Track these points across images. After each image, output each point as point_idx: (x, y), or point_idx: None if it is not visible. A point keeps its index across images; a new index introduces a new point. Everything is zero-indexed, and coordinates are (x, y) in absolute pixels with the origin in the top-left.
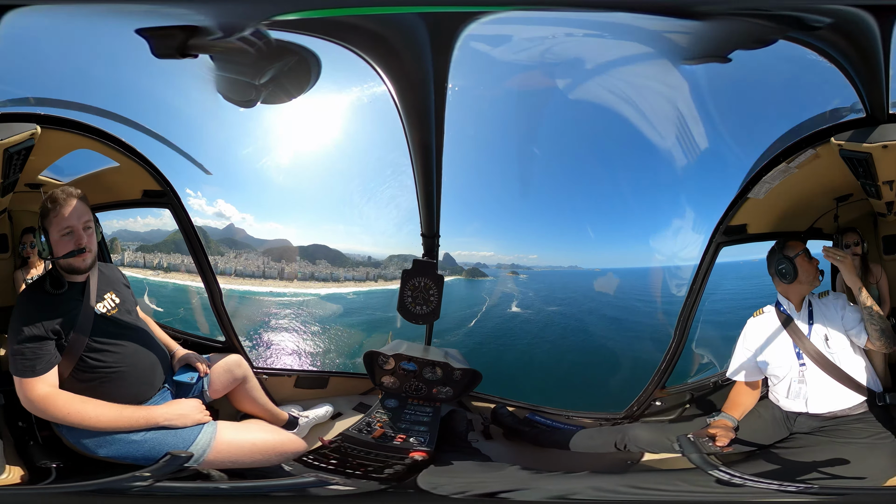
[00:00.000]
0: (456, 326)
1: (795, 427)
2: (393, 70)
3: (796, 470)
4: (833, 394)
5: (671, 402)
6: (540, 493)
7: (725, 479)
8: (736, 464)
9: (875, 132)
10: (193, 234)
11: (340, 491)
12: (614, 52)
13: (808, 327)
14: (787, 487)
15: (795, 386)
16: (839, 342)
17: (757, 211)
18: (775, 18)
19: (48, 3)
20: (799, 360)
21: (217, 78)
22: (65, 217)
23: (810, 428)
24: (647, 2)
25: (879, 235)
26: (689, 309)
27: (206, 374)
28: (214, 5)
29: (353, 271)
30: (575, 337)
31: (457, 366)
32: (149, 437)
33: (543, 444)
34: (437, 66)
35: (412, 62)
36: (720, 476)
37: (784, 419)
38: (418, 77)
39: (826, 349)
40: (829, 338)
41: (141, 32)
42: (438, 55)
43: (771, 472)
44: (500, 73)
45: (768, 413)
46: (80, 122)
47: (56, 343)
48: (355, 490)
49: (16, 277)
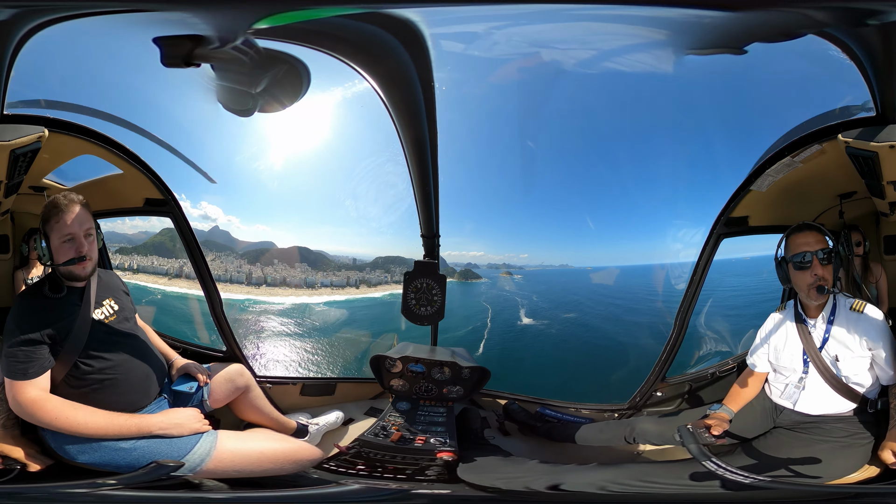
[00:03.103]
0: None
1: (779, 421)
2: (375, 72)
3: (770, 464)
4: (826, 400)
5: (671, 393)
6: (569, 485)
7: (712, 470)
8: (723, 455)
9: (884, 132)
10: (194, 242)
11: (379, 495)
12: (624, 40)
13: (824, 337)
14: (760, 481)
15: (792, 388)
16: (851, 364)
17: (759, 203)
18: (820, 10)
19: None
20: (804, 366)
21: (217, 88)
22: (66, 224)
23: (792, 423)
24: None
25: (881, 235)
26: (688, 301)
27: (207, 383)
28: (201, 14)
29: (331, 276)
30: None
31: (465, 364)
32: (139, 446)
33: (557, 439)
34: (419, 66)
35: (391, 62)
36: (710, 467)
37: (772, 411)
38: (402, 76)
39: (834, 364)
40: (841, 357)
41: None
42: (415, 54)
43: (749, 465)
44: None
45: (759, 404)
46: (86, 128)
47: (50, 348)
48: (394, 493)
49: (16, 277)
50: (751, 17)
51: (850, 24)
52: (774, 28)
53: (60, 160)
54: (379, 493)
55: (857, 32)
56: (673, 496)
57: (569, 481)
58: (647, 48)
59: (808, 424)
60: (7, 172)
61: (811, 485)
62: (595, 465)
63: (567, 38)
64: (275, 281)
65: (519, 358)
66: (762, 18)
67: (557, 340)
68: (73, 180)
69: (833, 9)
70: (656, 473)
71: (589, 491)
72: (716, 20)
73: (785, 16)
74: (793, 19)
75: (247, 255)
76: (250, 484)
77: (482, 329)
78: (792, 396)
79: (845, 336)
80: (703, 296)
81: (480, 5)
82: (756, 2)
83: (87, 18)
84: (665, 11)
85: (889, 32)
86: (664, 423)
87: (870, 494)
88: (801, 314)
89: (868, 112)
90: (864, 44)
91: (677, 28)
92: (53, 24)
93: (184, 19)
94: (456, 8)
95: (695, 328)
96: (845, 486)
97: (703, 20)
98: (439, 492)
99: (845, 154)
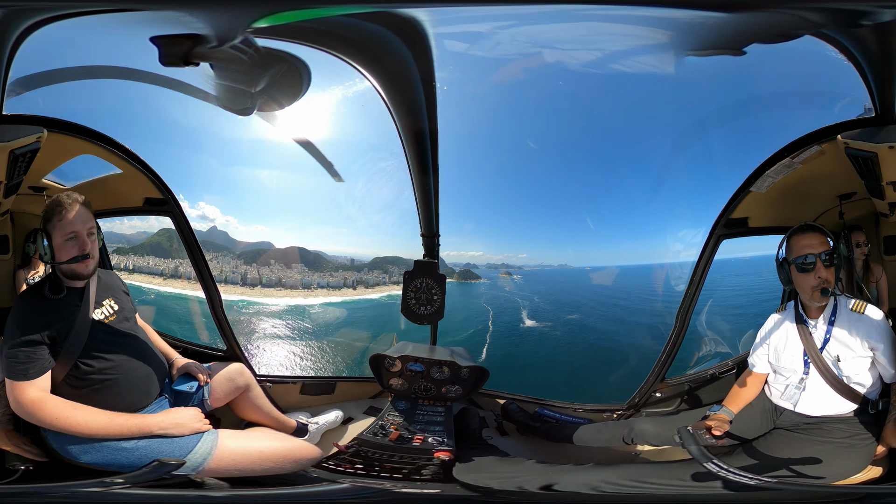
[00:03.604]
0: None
1: (779, 422)
2: (376, 71)
3: (771, 465)
4: (827, 401)
5: (670, 393)
6: (564, 485)
7: (713, 471)
8: (722, 456)
9: (883, 132)
10: (194, 242)
11: (373, 494)
12: (626, 41)
13: (825, 338)
14: (762, 481)
15: (792, 389)
16: (853, 364)
17: (759, 204)
18: (814, 11)
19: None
20: (805, 367)
21: (216, 87)
22: (69, 222)
23: (792, 424)
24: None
25: (881, 235)
26: (688, 301)
27: (207, 382)
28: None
29: (328, 277)
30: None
31: (463, 364)
32: (141, 445)
33: (555, 439)
34: (421, 65)
35: (392, 61)
36: (710, 468)
37: (772, 412)
38: (403, 76)
39: (835, 365)
40: (843, 358)
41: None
42: (417, 54)
43: (749, 466)
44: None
45: (760, 404)
46: (85, 128)
47: (50, 348)
48: (389, 493)
49: (18, 277)
50: (749, 18)
51: (845, 24)
52: (772, 29)
53: (59, 160)
54: (374, 493)
55: (852, 33)
56: (669, 497)
57: (564, 481)
58: (649, 49)
59: (809, 426)
60: (7, 173)
61: (813, 486)
62: (591, 465)
63: (568, 39)
64: (270, 282)
65: (524, 364)
66: (760, 19)
67: (562, 343)
68: (72, 180)
69: (826, 10)
70: (653, 474)
71: (583, 492)
72: (715, 21)
73: (782, 17)
74: (789, 20)
75: (244, 256)
76: (250, 482)
77: (484, 332)
78: (792, 397)
79: (846, 337)
80: (703, 296)
81: (485, 6)
82: (752, 2)
83: (82, 17)
84: (666, 12)
85: (884, 33)
86: (663, 423)
87: (874, 495)
88: (802, 315)
89: (868, 113)
90: (861, 44)
91: (679, 29)
92: (49, 23)
93: (179, 18)
94: (460, 8)
95: (694, 328)
96: (849, 486)
97: (703, 21)
98: (433, 492)
99: (845, 155)
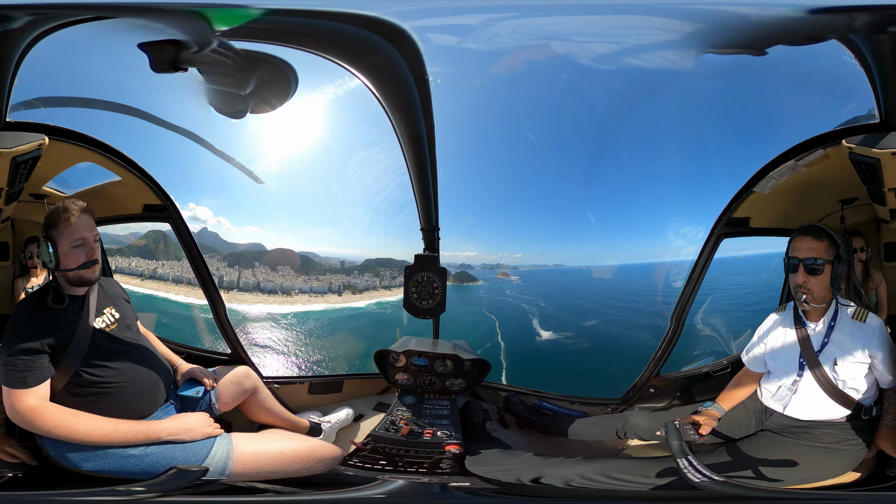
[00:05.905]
0: None
1: (767, 424)
2: (364, 68)
3: (751, 466)
4: (818, 405)
5: (665, 389)
6: (561, 478)
7: (682, 469)
8: (704, 454)
9: (886, 139)
10: (194, 247)
11: (396, 490)
12: (639, 36)
13: (823, 342)
14: (740, 484)
15: (784, 391)
16: (849, 369)
17: (761, 205)
18: (847, 14)
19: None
20: (800, 369)
21: (208, 91)
22: (77, 228)
23: (780, 427)
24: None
25: (881, 242)
26: (685, 299)
27: (213, 387)
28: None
29: (312, 281)
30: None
31: (466, 357)
32: (151, 452)
33: (551, 433)
34: (410, 60)
35: (378, 58)
36: (681, 465)
37: (760, 413)
38: (392, 71)
39: (832, 370)
40: (840, 362)
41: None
42: (403, 49)
43: (729, 466)
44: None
45: (750, 404)
46: (85, 135)
47: (50, 357)
48: (411, 487)
49: (16, 286)
50: (776, 18)
51: (872, 30)
52: (800, 31)
53: (60, 168)
54: (404, 487)
55: (873, 39)
56: (651, 493)
57: (551, 475)
58: (666, 45)
59: (797, 429)
60: (8, 180)
61: (784, 490)
62: (580, 458)
63: (573, 32)
64: (247, 286)
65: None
66: (788, 20)
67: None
68: (72, 187)
69: (861, 13)
70: (632, 470)
71: (574, 484)
72: (739, 19)
73: (812, 18)
74: (819, 22)
75: (231, 258)
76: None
77: (496, 351)
78: (783, 399)
79: (845, 342)
80: (702, 294)
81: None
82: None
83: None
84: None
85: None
86: (657, 417)
87: (854, 498)
88: (801, 317)
89: (870, 118)
90: (876, 50)
91: (703, 23)
92: (56, 31)
93: (149, 25)
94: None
95: (692, 325)
96: (818, 491)
97: (726, 18)
98: (458, 484)
99: (848, 159)
